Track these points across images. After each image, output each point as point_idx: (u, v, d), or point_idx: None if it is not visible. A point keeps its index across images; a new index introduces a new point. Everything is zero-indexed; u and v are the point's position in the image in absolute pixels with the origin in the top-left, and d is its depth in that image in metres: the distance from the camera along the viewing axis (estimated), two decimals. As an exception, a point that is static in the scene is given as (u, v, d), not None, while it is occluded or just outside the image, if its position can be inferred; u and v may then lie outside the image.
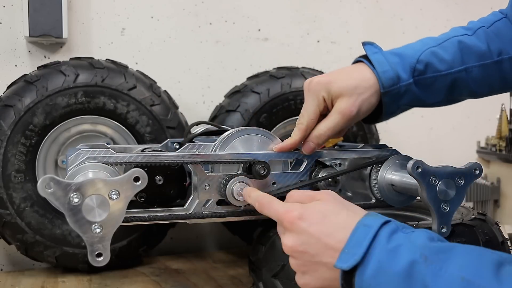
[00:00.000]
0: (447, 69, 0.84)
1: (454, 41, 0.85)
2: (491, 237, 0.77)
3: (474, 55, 0.85)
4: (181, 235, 1.33)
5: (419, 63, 0.83)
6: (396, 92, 0.83)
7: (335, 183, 0.87)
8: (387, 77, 0.82)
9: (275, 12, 1.45)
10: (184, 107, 1.28)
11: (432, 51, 0.84)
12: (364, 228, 0.57)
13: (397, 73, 0.82)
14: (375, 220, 0.58)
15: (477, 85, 0.86)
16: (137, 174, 0.64)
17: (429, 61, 0.84)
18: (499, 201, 1.58)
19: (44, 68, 1.09)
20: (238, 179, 0.76)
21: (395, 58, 0.84)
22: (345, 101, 0.80)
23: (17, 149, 1.04)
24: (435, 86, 0.85)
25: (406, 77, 0.82)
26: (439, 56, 0.84)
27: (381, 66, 0.82)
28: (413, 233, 0.57)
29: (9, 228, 1.04)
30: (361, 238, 0.56)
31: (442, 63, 0.84)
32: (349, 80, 0.81)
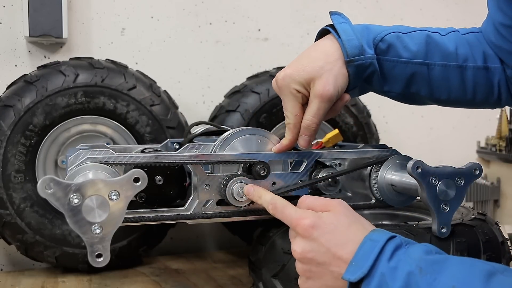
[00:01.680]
0: (409, 57, 0.82)
1: (423, 34, 0.84)
2: (491, 237, 0.77)
3: (439, 53, 0.83)
4: (181, 235, 1.33)
5: (382, 42, 0.82)
6: (360, 63, 0.80)
7: (335, 183, 0.87)
8: (351, 45, 0.79)
9: (275, 12, 1.45)
10: (184, 107, 1.28)
11: (398, 35, 0.83)
12: (371, 243, 0.60)
13: (361, 43, 0.80)
14: (382, 235, 0.61)
15: (436, 85, 0.84)
16: (137, 174, 0.64)
17: (393, 43, 0.82)
18: (499, 201, 1.58)
19: (44, 68, 1.09)
20: (238, 179, 0.76)
21: (362, 30, 0.82)
22: (318, 83, 0.77)
23: (17, 149, 1.04)
24: (394, 72, 0.83)
25: (371, 52, 0.80)
26: (404, 43, 0.83)
27: (346, 35, 0.80)
28: (413, 246, 0.60)
29: (9, 228, 1.04)
30: (368, 252, 0.60)
31: (405, 50, 0.82)
32: (313, 62, 0.79)
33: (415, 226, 0.77)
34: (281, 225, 0.81)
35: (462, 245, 0.73)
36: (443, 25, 1.64)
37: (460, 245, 0.73)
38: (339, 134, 0.98)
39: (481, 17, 1.62)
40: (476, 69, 0.84)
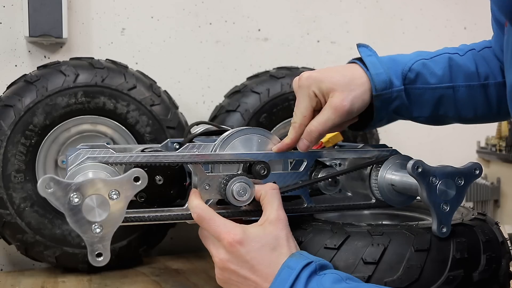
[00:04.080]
0: (436, 83, 0.84)
1: (445, 57, 0.85)
2: (491, 237, 0.77)
3: (462, 74, 0.85)
4: (181, 235, 1.33)
5: (411, 72, 0.83)
6: (387, 97, 0.81)
7: (335, 183, 0.87)
8: (380, 80, 0.80)
9: (275, 12, 1.45)
10: (184, 107, 1.28)
11: (424, 62, 0.84)
12: (288, 270, 0.65)
13: (390, 77, 0.81)
14: (298, 262, 0.66)
15: (462, 105, 0.86)
16: (137, 174, 0.64)
17: (420, 72, 0.83)
18: (499, 201, 1.58)
19: (44, 68, 1.09)
20: (238, 179, 0.76)
21: (388, 62, 0.83)
22: (337, 96, 0.78)
23: (17, 149, 1.04)
24: (423, 98, 0.84)
25: (398, 84, 0.82)
26: (430, 69, 0.84)
27: (375, 68, 0.81)
28: (324, 275, 0.65)
29: (9, 228, 1.04)
30: (284, 279, 0.65)
31: (432, 76, 0.84)
32: (341, 76, 0.80)
33: (415, 226, 0.77)
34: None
35: (462, 245, 0.73)
36: (443, 25, 1.65)
37: (460, 245, 0.73)
38: (339, 134, 0.98)
39: (481, 17, 1.63)
40: (497, 85, 0.85)
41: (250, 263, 0.67)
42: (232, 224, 0.70)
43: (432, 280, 0.69)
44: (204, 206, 0.73)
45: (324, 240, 0.73)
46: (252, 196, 0.76)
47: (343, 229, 0.74)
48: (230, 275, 0.69)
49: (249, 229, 0.70)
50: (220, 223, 0.71)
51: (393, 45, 1.57)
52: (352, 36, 1.53)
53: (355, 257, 0.70)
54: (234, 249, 0.68)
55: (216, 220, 0.71)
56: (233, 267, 0.68)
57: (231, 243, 0.68)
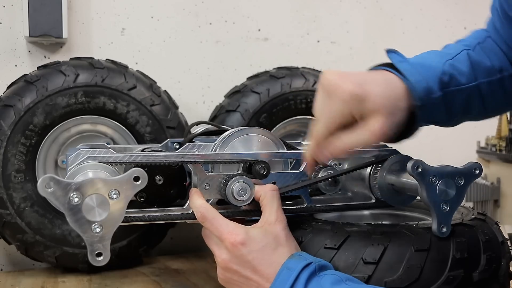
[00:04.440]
0: (467, 82, 0.78)
1: (465, 55, 0.80)
2: (491, 237, 0.77)
3: (481, 71, 0.80)
4: (181, 235, 1.33)
5: (444, 75, 0.76)
6: (430, 106, 0.74)
7: (335, 183, 0.87)
8: (421, 88, 0.72)
9: (275, 12, 1.45)
10: (184, 107, 1.28)
11: (451, 63, 0.77)
12: (287, 271, 0.66)
13: (428, 84, 0.73)
14: (298, 263, 0.66)
15: (486, 102, 0.82)
16: (137, 173, 0.64)
17: (452, 73, 0.76)
18: (499, 201, 1.58)
19: (44, 68, 1.09)
20: (238, 179, 0.76)
21: (421, 68, 0.75)
22: (378, 120, 0.69)
23: (17, 149, 1.04)
24: (455, 101, 0.78)
25: (436, 89, 0.74)
26: (459, 69, 0.77)
27: (413, 76, 0.72)
28: (324, 276, 0.65)
29: (9, 228, 1.04)
30: (284, 280, 0.65)
31: (462, 76, 0.78)
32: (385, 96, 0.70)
33: (415, 226, 0.77)
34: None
35: (462, 245, 0.73)
36: (443, 25, 1.65)
37: (460, 245, 0.73)
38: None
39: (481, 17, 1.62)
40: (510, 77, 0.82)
41: (252, 263, 0.68)
42: (235, 225, 0.71)
43: (432, 280, 0.69)
44: (208, 206, 0.73)
45: (324, 240, 0.73)
46: (252, 196, 0.76)
47: (343, 229, 0.74)
48: (232, 275, 0.70)
49: (250, 230, 0.70)
50: (223, 223, 0.71)
51: (393, 45, 1.55)
52: (352, 36, 1.53)
53: (355, 257, 0.70)
54: (236, 249, 0.68)
55: (219, 220, 0.72)
56: (235, 267, 0.69)
57: (233, 244, 0.69)
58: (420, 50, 1.08)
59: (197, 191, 0.76)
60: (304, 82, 1.22)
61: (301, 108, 1.22)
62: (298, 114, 1.23)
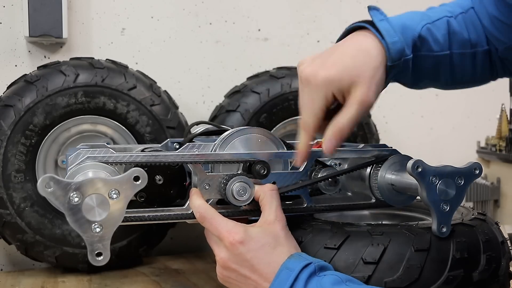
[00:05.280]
0: (438, 50, 0.79)
1: (444, 22, 0.80)
2: (491, 237, 0.77)
3: (457, 41, 0.80)
4: (181, 235, 1.33)
5: (419, 38, 0.76)
6: (400, 66, 0.74)
7: (335, 183, 0.87)
8: (396, 49, 0.73)
9: (275, 12, 1.45)
10: (184, 107, 1.28)
11: (428, 27, 0.78)
12: (287, 272, 0.65)
13: (404, 46, 0.74)
14: (297, 263, 0.66)
15: (452, 73, 0.82)
16: (137, 173, 0.64)
17: (425, 38, 0.77)
18: (499, 201, 1.58)
19: (44, 68, 1.09)
20: (238, 179, 0.76)
21: (400, 28, 0.75)
22: (360, 89, 0.70)
23: (17, 149, 1.04)
24: (423, 66, 0.79)
25: (409, 52, 0.75)
26: (434, 35, 0.78)
27: (390, 36, 0.73)
28: (324, 277, 0.64)
29: (9, 228, 1.04)
30: (283, 280, 0.65)
31: (436, 44, 0.78)
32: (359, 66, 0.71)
33: (415, 226, 0.77)
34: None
35: (462, 245, 0.73)
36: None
37: (460, 245, 0.73)
38: (339, 134, 0.97)
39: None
40: (483, 53, 0.82)
41: (250, 262, 0.68)
42: (234, 224, 0.71)
43: (432, 280, 0.69)
44: (207, 206, 0.73)
45: (324, 240, 0.73)
46: (252, 196, 0.76)
47: (343, 229, 0.74)
48: (230, 274, 0.70)
49: (249, 229, 0.70)
50: (222, 222, 0.71)
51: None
52: (352, 36, 1.52)
53: (355, 257, 0.70)
54: (235, 248, 0.68)
55: (217, 219, 0.72)
56: (233, 266, 0.69)
57: (231, 242, 0.69)
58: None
59: (197, 191, 0.76)
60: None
61: (301, 108, 1.22)
62: (298, 114, 1.22)
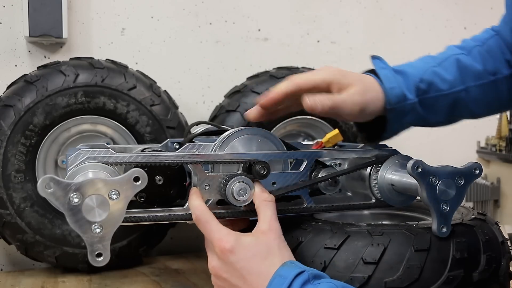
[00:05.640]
0: (449, 88, 0.84)
1: (453, 60, 0.86)
2: (491, 237, 0.77)
3: (471, 75, 0.85)
4: (181, 235, 1.33)
5: (422, 83, 0.83)
6: (401, 110, 0.82)
7: (335, 183, 0.87)
8: (393, 94, 0.81)
9: (275, 12, 1.45)
10: (184, 107, 1.28)
11: (434, 70, 0.84)
12: (280, 279, 0.63)
13: (403, 91, 0.82)
14: (290, 271, 0.64)
15: (476, 105, 0.87)
16: (137, 174, 0.64)
17: (431, 81, 0.83)
18: (499, 201, 1.58)
19: (44, 68, 1.09)
20: (238, 179, 0.76)
21: (399, 76, 0.83)
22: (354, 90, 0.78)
23: (17, 149, 1.04)
24: (437, 105, 0.85)
25: (412, 96, 0.82)
26: (441, 76, 0.84)
27: (389, 82, 0.81)
28: (319, 284, 0.63)
29: (9, 228, 1.04)
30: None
31: (444, 82, 0.84)
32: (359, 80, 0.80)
33: (415, 226, 0.77)
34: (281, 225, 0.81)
35: (462, 245, 0.73)
36: (443, 25, 1.65)
37: (460, 245, 0.73)
38: (339, 134, 0.98)
39: (481, 17, 1.62)
40: (505, 79, 0.86)
41: (240, 272, 0.66)
42: (226, 231, 0.69)
43: (432, 280, 0.69)
44: (204, 208, 0.72)
45: (324, 240, 0.73)
46: (252, 196, 0.76)
47: (343, 229, 0.74)
48: (222, 283, 0.69)
49: (242, 237, 0.68)
50: (215, 229, 0.69)
51: (393, 45, 1.57)
52: (352, 36, 1.53)
53: (355, 257, 0.70)
54: (225, 256, 0.67)
55: (212, 224, 0.70)
56: (224, 275, 0.68)
57: (222, 250, 0.67)
58: (420, 50, 1.08)
59: (196, 191, 0.75)
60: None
61: (301, 108, 1.22)
62: (298, 114, 1.23)
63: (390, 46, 1.56)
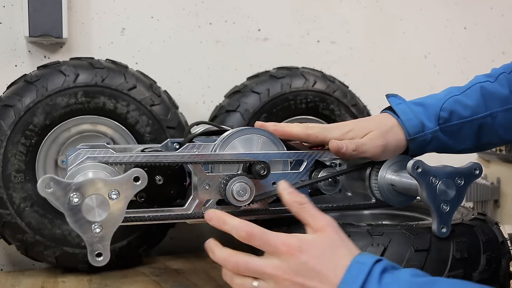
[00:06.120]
0: (472, 115, 0.86)
1: (477, 88, 0.87)
2: (491, 237, 0.77)
3: (497, 100, 0.86)
4: (181, 235, 1.33)
5: (443, 111, 0.85)
6: (422, 139, 0.84)
7: (335, 183, 0.87)
8: (411, 125, 0.84)
9: (275, 12, 1.45)
10: (184, 107, 1.28)
11: (456, 99, 0.86)
12: (358, 265, 0.60)
13: (421, 120, 0.84)
14: (369, 257, 0.61)
15: (504, 130, 0.88)
16: (137, 174, 0.64)
17: (453, 109, 0.86)
18: (499, 201, 1.58)
19: (44, 68, 1.09)
20: (238, 179, 0.76)
21: (418, 107, 0.86)
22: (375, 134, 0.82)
23: (17, 149, 1.04)
24: (462, 132, 0.87)
25: (432, 125, 0.85)
26: (463, 103, 0.86)
27: (405, 115, 0.84)
28: (400, 270, 0.60)
29: (9, 228, 1.04)
30: (356, 274, 0.60)
31: (466, 109, 0.86)
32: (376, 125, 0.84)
33: (415, 226, 0.77)
34: (281, 225, 0.81)
35: (462, 245, 0.73)
36: (443, 25, 1.64)
37: (460, 245, 0.73)
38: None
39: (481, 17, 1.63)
40: None
41: (316, 269, 0.62)
42: (284, 235, 0.65)
43: (432, 280, 0.69)
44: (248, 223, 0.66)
45: (324, 240, 0.73)
46: (252, 196, 0.76)
47: (343, 229, 0.74)
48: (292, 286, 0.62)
49: (304, 237, 0.65)
50: (272, 235, 0.65)
51: (393, 45, 1.57)
52: (352, 36, 1.52)
53: (355, 257, 0.70)
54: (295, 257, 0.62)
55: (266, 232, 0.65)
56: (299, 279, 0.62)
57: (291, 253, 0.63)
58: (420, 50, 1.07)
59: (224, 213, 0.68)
60: (304, 82, 1.22)
61: (301, 108, 1.22)
62: (298, 114, 1.23)
63: (390, 46, 1.56)
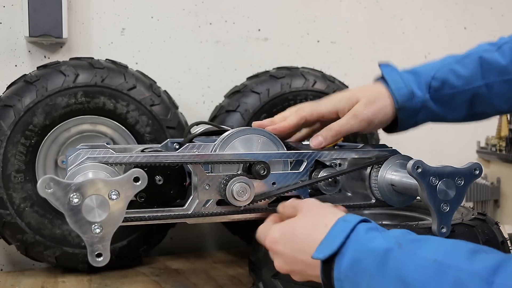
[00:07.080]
0: (465, 84, 0.86)
1: (474, 57, 0.87)
2: (491, 237, 0.77)
3: (494, 71, 0.86)
4: (181, 235, 1.33)
5: (434, 80, 0.86)
6: (411, 108, 0.85)
7: (335, 183, 0.87)
8: (400, 94, 0.85)
9: (275, 12, 1.45)
10: (184, 107, 1.28)
11: (450, 68, 0.87)
12: (343, 223, 0.61)
13: (411, 89, 0.85)
14: (354, 217, 0.62)
15: (501, 100, 0.87)
16: (137, 174, 0.64)
17: (445, 78, 0.86)
18: (499, 201, 1.58)
19: (44, 68, 1.09)
20: (238, 179, 0.76)
21: (410, 76, 0.86)
22: (360, 105, 0.84)
23: (17, 149, 1.04)
24: (455, 102, 0.87)
25: (421, 94, 0.85)
26: (457, 72, 0.86)
27: (395, 84, 0.85)
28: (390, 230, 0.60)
29: (9, 228, 1.04)
30: (339, 230, 0.60)
31: (459, 79, 0.86)
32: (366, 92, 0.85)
33: (415, 226, 0.77)
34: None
35: (462, 245, 0.73)
36: (443, 25, 1.65)
37: (460, 245, 0.73)
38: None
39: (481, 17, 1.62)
40: None
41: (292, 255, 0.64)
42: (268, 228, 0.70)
43: (432, 280, 0.69)
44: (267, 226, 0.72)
45: (324, 240, 0.73)
46: (252, 196, 0.76)
47: (343, 229, 0.74)
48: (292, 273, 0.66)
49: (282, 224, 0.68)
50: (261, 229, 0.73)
51: (393, 45, 1.57)
52: (352, 36, 1.53)
53: (355, 257, 0.70)
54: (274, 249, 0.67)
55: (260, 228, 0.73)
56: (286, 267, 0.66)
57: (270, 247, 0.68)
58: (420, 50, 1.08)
59: None
60: (304, 82, 1.22)
61: (301, 108, 1.22)
62: (298, 114, 1.23)
63: (390, 46, 1.56)
